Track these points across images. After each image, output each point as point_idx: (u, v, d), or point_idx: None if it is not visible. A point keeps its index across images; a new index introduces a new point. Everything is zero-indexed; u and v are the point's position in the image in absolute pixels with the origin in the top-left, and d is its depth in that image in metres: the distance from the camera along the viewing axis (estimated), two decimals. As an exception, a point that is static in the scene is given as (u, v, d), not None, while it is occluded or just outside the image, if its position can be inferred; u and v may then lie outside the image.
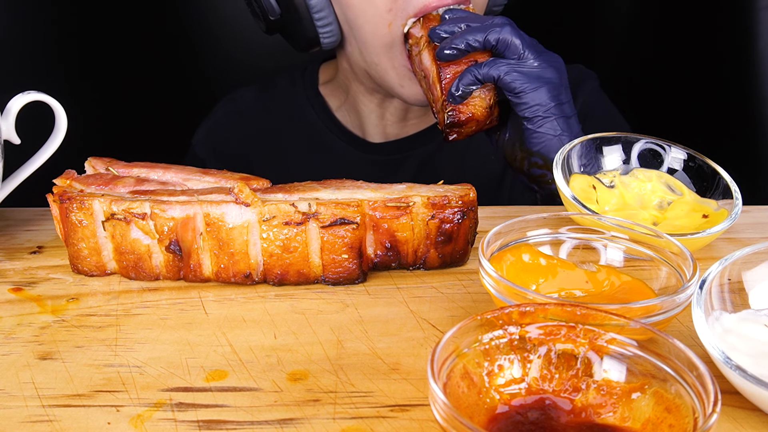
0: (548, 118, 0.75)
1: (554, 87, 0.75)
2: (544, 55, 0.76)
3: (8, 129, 0.68)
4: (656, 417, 0.40)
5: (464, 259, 0.63)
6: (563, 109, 0.75)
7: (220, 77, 1.41)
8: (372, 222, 0.59)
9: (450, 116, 0.77)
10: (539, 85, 0.74)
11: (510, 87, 0.74)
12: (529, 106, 0.74)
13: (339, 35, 0.92)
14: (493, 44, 0.75)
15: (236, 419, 0.45)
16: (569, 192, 0.65)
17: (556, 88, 0.75)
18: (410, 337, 0.53)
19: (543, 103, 0.74)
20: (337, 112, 1.06)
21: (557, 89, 0.75)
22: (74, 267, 0.62)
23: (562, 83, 0.76)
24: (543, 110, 0.74)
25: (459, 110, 0.77)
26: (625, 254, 0.57)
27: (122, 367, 0.50)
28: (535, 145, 0.76)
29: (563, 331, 0.43)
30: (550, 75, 0.75)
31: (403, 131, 1.04)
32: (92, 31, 1.33)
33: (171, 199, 0.60)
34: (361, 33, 0.86)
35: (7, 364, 0.50)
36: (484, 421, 0.41)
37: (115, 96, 1.36)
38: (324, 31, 0.90)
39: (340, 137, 1.05)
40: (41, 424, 0.45)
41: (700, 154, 0.70)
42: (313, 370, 0.50)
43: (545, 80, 0.74)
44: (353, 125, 1.06)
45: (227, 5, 1.41)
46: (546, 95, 0.74)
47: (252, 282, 0.60)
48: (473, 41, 0.75)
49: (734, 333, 0.48)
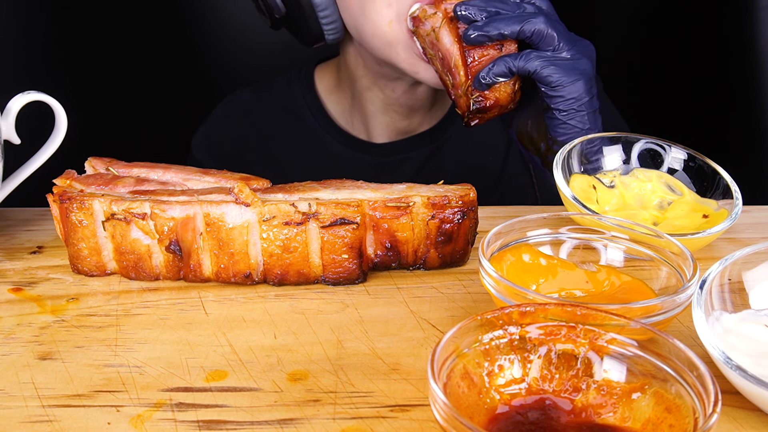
0: (581, 111, 0.74)
1: (588, 79, 0.73)
2: (578, 44, 0.74)
3: (8, 129, 0.67)
4: (656, 417, 0.40)
5: (464, 259, 0.63)
6: (593, 102, 0.74)
7: (220, 77, 1.41)
8: (372, 222, 0.59)
9: (477, 102, 0.75)
10: (576, 78, 0.72)
11: (547, 81, 0.72)
12: (566, 99, 0.73)
13: (343, 30, 0.92)
14: (528, 36, 0.73)
15: (236, 419, 0.45)
16: (569, 192, 0.65)
17: (590, 80, 0.74)
18: (410, 337, 0.53)
19: (579, 96, 0.73)
20: (342, 117, 1.06)
21: (591, 81, 0.74)
22: (74, 267, 0.62)
23: (593, 73, 0.75)
24: (578, 104, 0.73)
25: (485, 96, 0.74)
26: (625, 254, 0.57)
27: (122, 367, 0.50)
28: (560, 135, 0.75)
29: (563, 331, 0.43)
30: (585, 66, 0.73)
31: (405, 127, 1.03)
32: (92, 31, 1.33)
33: (171, 199, 0.60)
34: (364, 30, 0.86)
35: (7, 364, 0.50)
36: (484, 421, 0.41)
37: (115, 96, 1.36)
38: (328, 28, 0.91)
39: (337, 139, 1.05)
40: (41, 424, 0.45)
41: (700, 154, 0.70)
42: (313, 370, 0.50)
43: (581, 71, 0.73)
44: (358, 128, 1.05)
45: (227, 5, 1.41)
46: (583, 88, 0.73)
47: (252, 282, 0.60)
48: (508, 31, 0.72)
49: (734, 333, 0.48)
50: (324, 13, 0.89)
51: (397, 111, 1.00)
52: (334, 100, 1.07)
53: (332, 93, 1.07)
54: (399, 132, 1.04)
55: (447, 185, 0.62)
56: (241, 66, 1.41)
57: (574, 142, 0.70)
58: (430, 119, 1.04)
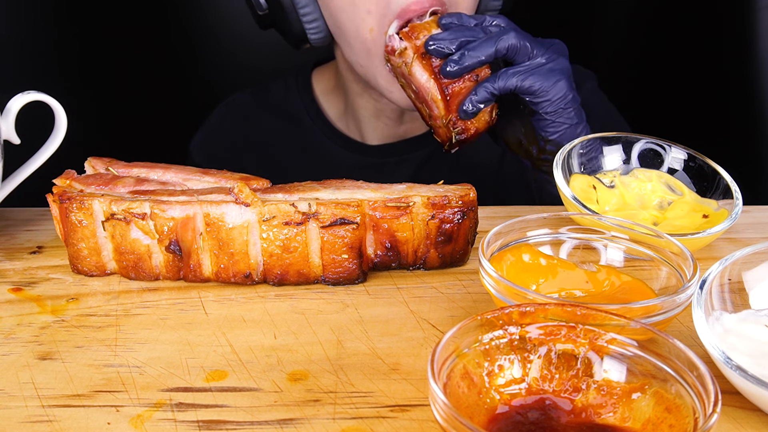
0: (567, 108, 0.75)
1: (568, 76, 0.74)
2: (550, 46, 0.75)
3: (8, 129, 0.67)
4: (656, 417, 0.40)
5: (464, 259, 0.63)
6: (576, 97, 0.75)
7: (220, 78, 1.41)
8: (372, 222, 0.59)
9: (459, 135, 0.75)
10: (557, 79, 0.73)
11: (530, 91, 0.73)
12: (552, 101, 0.74)
13: (326, 31, 0.91)
14: (503, 53, 0.73)
15: (236, 419, 0.45)
16: (569, 192, 0.65)
17: (569, 76, 0.74)
18: (410, 337, 0.53)
19: (564, 95, 0.74)
20: (339, 120, 1.06)
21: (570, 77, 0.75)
22: (74, 267, 0.62)
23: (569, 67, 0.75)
24: (564, 102, 0.74)
25: (467, 127, 0.75)
26: (625, 254, 0.57)
27: (122, 367, 0.50)
28: (551, 134, 0.76)
29: (563, 331, 0.43)
30: (562, 64, 0.74)
31: (399, 132, 1.03)
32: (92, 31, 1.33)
33: (171, 199, 0.60)
34: (345, 33, 0.86)
35: (7, 364, 0.50)
36: (484, 421, 0.41)
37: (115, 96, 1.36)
38: (310, 27, 0.90)
39: (335, 140, 1.05)
40: (41, 424, 0.45)
41: (700, 154, 0.70)
42: (313, 370, 0.50)
43: (559, 71, 0.74)
44: (353, 130, 1.05)
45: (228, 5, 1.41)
46: (565, 86, 0.74)
47: (252, 282, 0.60)
48: (484, 56, 0.73)
49: (734, 333, 0.48)
50: (304, 11, 0.89)
51: (390, 117, 1.01)
52: (332, 103, 1.07)
53: (329, 96, 1.07)
54: (393, 137, 1.04)
55: (447, 185, 0.62)
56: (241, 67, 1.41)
57: (574, 142, 0.70)
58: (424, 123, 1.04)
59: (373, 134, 1.03)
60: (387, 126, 1.02)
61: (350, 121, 1.05)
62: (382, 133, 1.03)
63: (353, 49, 0.86)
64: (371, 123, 1.02)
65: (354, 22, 0.83)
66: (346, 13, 0.84)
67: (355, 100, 1.01)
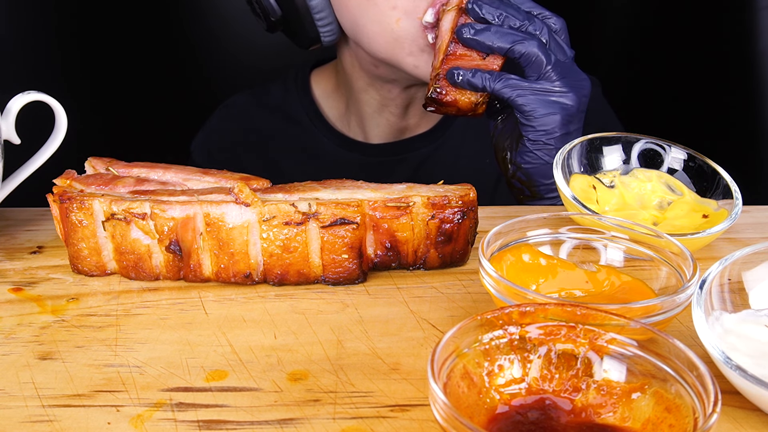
0: (548, 145, 0.73)
1: (568, 115, 0.72)
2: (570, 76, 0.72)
3: (8, 129, 0.67)
4: (656, 417, 0.40)
5: (464, 259, 0.63)
6: (567, 139, 0.72)
7: (220, 78, 1.41)
8: (372, 222, 0.59)
9: (436, 92, 0.75)
10: (552, 112, 0.71)
11: (521, 109, 0.72)
12: (536, 130, 0.72)
13: (339, 32, 0.92)
14: (516, 57, 0.72)
15: (236, 419, 0.45)
16: (569, 192, 0.65)
17: (569, 115, 0.72)
18: (410, 337, 0.53)
19: (550, 130, 0.72)
20: (339, 119, 1.06)
21: (570, 117, 0.72)
22: (74, 267, 0.62)
23: (579, 109, 0.73)
24: (547, 137, 0.72)
25: (446, 91, 0.75)
26: (625, 254, 0.57)
27: (122, 367, 0.50)
28: (525, 162, 0.74)
29: (563, 331, 0.43)
30: (568, 101, 0.72)
31: (402, 126, 1.03)
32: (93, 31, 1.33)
33: (171, 199, 0.60)
34: (365, 31, 0.86)
35: (7, 364, 0.50)
36: (484, 421, 0.41)
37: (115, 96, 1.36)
38: (324, 30, 0.91)
39: (335, 140, 1.06)
40: (41, 424, 0.45)
41: (700, 154, 0.70)
42: (313, 370, 0.50)
43: (560, 106, 0.71)
44: (355, 130, 1.05)
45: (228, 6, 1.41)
46: (556, 123, 0.71)
47: (252, 282, 0.60)
48: (497, 45, 0.72)
49: (734, 333, 0.48)
50: (320, 15, 0.89)
51: (393, 111, 1.01)
52: (331, 103, 1.07)
53: (329, 97, 1.07)
54: (396, 132, 1.04)
55: (447, 185, 0.62)
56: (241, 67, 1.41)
57: (574, 142, 0.70)
58: (427, 121, 1.04)
59: (376, 130, 1.04)
60: (390, 120, 1.02)
61: (352, 120, 1.05)
62: (386, 128, 1.03)
63: (375, 43, 0.86)
64: (375, 119, 1.02)
65: (376, 19, 0.83)
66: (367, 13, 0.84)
67: (358, 96, 1.01)
